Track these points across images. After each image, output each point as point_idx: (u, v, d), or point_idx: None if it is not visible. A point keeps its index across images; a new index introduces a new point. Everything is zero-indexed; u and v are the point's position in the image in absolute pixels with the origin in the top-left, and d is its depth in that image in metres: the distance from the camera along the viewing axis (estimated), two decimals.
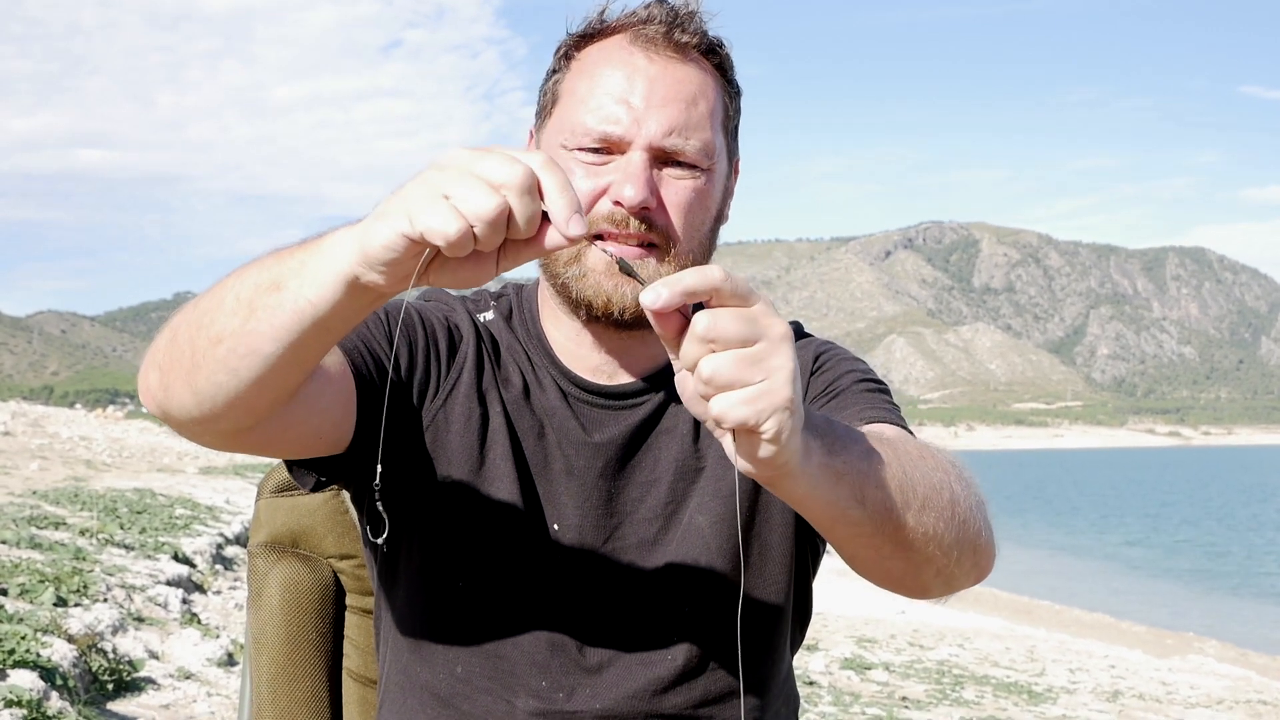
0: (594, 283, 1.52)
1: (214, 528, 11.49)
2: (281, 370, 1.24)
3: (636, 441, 1.61)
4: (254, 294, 1.20)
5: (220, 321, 1.22)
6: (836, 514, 1.22)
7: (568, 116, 1.55)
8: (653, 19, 1.54)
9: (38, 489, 12.82)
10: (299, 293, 1.17)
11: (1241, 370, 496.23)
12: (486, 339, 1.64)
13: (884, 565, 1.31)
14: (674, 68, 1.53)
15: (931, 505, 1.27)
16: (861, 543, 1.27)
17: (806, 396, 1.61)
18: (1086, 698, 9.86)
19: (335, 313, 1.17)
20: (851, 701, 8.17)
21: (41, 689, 4.58)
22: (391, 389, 1.53)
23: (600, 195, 1.50)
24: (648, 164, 1.50)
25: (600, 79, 1.53)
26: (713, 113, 1.55)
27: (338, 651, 1.87)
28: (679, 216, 1.51)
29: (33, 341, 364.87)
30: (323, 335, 1.21)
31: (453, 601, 1.57)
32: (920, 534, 1.27)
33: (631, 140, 1.50)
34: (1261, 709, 10.44)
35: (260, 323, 1.20)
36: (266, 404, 1.29)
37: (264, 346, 1.21)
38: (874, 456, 1.22)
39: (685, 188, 1.52)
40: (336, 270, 1.14)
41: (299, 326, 1.19)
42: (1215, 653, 14.95)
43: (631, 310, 1.52)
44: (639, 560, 1.58)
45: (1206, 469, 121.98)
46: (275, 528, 1.87)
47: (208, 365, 1.24)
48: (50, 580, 6.51)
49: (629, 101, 1.50)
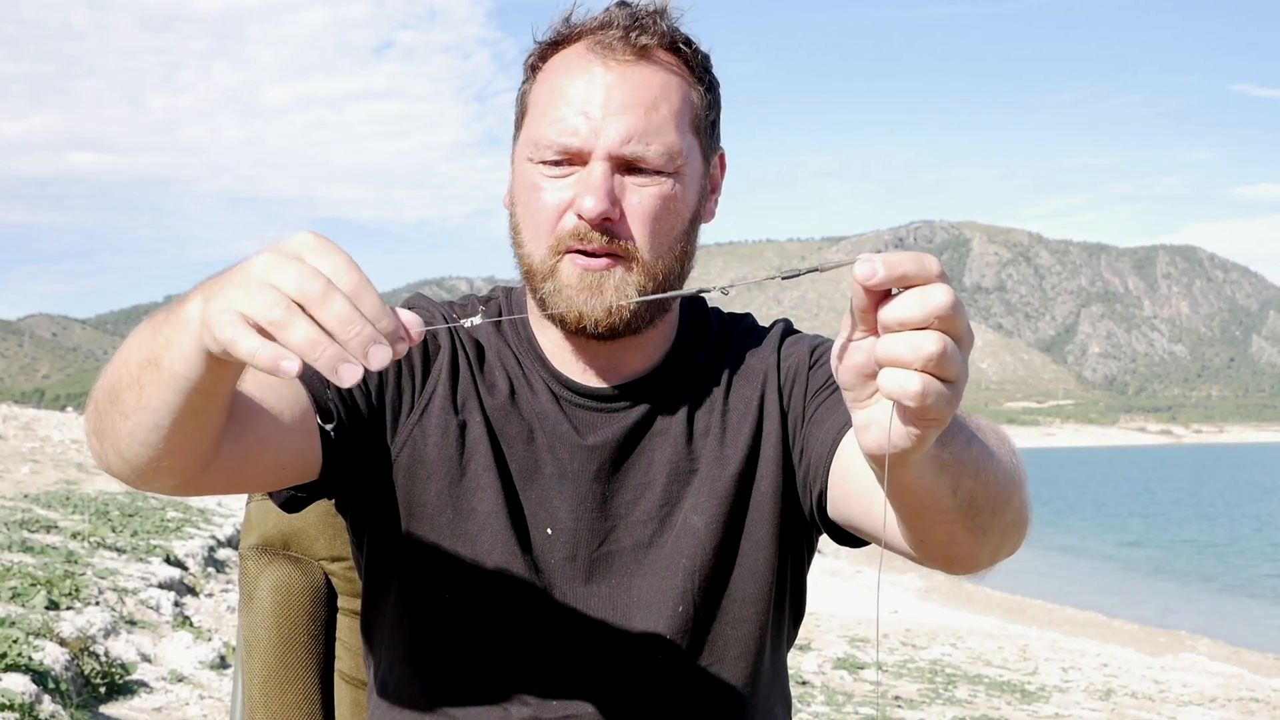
0: (567, 297, 1.51)
1: (206, 530, 11.48)
2: (189, 435, 1.22)
3: (630, 444, 1.60)
4: (139, 371, 1.19)
5: (121, 396, 1.22)
6: (930, 502, 1.21)
7: (532, 129, 1.54)
8: (611, 23, 1.53)
9: (29, 492, 12.80)
10: (171, 369, 1.15)
11: (1233, 368, 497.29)
12: (469, 345, 1.63)
13: (950, 549, 1.30)
14: (632, 72, 1.51)
15: (1006, 493, 1.26)
16: (940, 529, 1.26)
17: (808, 389, 1.61)
18: (1079, 696, 9.88)
19: (208, 383, 1.15)
20: (844, 701, 8.17)
21: (33, 692, 4.57)
22: (365, 412, 1.52)
23: (565, 209, 1.50)
24: (608, 174, 1.48)
25: (559, 90, 1.52)
26: (678, 113, 1.53)
27: (329, 653, 1.87)
28: (644, 224, 1.50)
29: (24, 345, 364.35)
30: (209, 401, 1.19)
31: (441, 613, 1.56)
32: (995, 520, 1.27)
33: (591, 150, 1.49)
34: (1254, 706, 10.47)
35: (150, 398, 1.18)
36: (192, 461, 1.27)
37: (160, 420, 1.20)
38: (973, 447, 1.20)
39: (649, 194, 1.51)
40: (195, 344, 1.11)
41: (180, 400, 1.17)
42: (1207, 651, 14.99)
43: (604, 323, 1.51)
44: (633, 562, 1.58)
45: (1198, 467, 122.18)
46: (266, 530, 1.87)
47: (124, 436, 1.24)
48: (42, 584, 6.49)
49: (586, 112, 1.49)
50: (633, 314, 1.52)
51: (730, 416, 1.62)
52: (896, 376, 0.99)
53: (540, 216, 1.52)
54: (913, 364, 0.98)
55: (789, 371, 1.64)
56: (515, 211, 1.57)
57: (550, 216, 1.51)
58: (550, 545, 1.57)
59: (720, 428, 1.62)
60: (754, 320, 1.74)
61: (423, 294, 1.74)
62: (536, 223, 1.52)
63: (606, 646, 1.56)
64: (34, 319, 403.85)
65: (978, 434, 1.23)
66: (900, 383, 0.99)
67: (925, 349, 0.98)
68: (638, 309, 1.52)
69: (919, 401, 0.99)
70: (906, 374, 0.99)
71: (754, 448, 1.61)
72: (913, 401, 0.99)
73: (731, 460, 1.60)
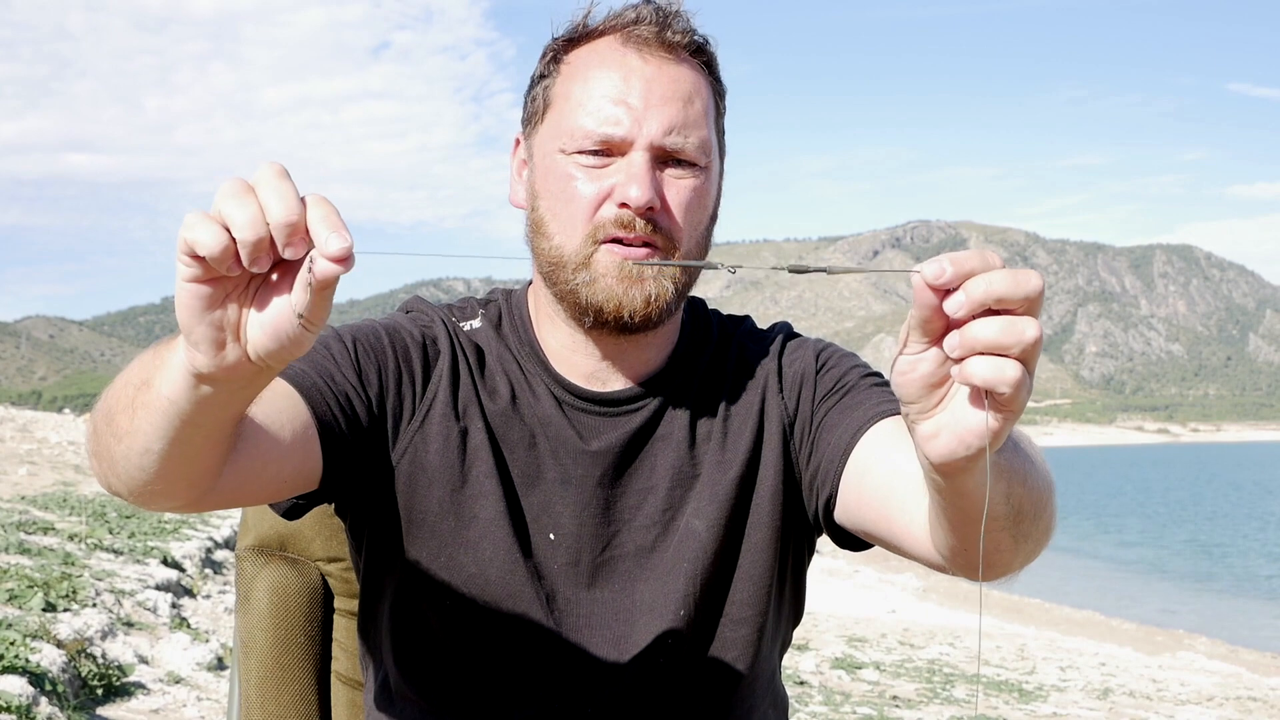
0: (605, 287, 1.50)
1: (203, 532, 11.46)
2: (181, 462, 1.21)
3: (633, 449, 1.60)
4: (135, 393, 1.18)
5: (117, 419, 1.21)
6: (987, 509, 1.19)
7: (564, 121, 1.53)
8: (643, 19, 1.54)
9: (26, 494, 12.77)
10: (159, 390, 1.14)
11: (1230, 367, 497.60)
12: (469, 350, 1.62)
13: (992, 556, 1.29)
14: (668, 67, 1.53)
15: (1045, 500, 1.26)
16: (988, 537, 1.24)
17: (816, 394, 1.61)
18: (1077, 695, 9.88)
19: (195, 407, 1.13)
20: (842, 701, 8.17)
21: (31, 694, 4.56)
22: (366, 421, 1.51)
23: (604, 199, 1.50)
24: (650, 164, 1.49)
25: (595, 81, 1.52)
26: (707, 111, 1.55)
27: (326, 654, 1.87)
28: (682, 216, 1.51)
29: (20, 347, 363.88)
30: (197, 433, 1.17)
31: (443, 618, 1.56)
32: (1035, 527, 1.27)
33: (633, 141, 1.49)
34: (1251, 705, 10.47)
35: (142, 421, 1.17)
36: (187, 487, 1.26)
37: (153, 444, 1.18)
38: (1019, 453, 1.20)
39: (686, 187, 1.52)
40: (179, 364, 1.11)
41: (169, 424, 1.15)
42: (1205, 649, 14.99)
43: (641, 313, 1.51)
44: (636, 567, 1.58)
45: (1196, 466, 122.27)
46: (263, 531, 1.87)
47: (121, 460, 1.22)
48: (39, 585, 6.48)
49: (627, 102, 1.50)
50: (667, 305, 1.52)
51: (732, 421, 1.62)
52: (992, 363, 0.98)
53: (575, 206, 1.51)
54: (1011, 349, 0.98)
55: (794, 376, 1.64)
56: (538, 205, 1.56)
57: (587, 206, 1.50)
58: (553, 550, 1.57)
59: (722, 432, 1.62)
60: (753, 323, 1.74)
61: (420, 296, 1.74)
62: (571, 212, 1.52)
63: (609, 651, 1.56)
64: (30, 321, 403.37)
65: (1027, 446, 1.23)
66: (997, 368, 0.98)
67: (1027, 334, 0.98)
68: (672, 299, 1.52)
69: (1014, 389, 0.98)
70: (1002, 360, 0.98)
71: (755, 452, 1.61)
72: (1008, 389, 0.98)
73: (732, 465, 1.60)
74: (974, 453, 1.05)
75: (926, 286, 0.98)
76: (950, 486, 1.16)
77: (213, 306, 1.04)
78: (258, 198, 0.99)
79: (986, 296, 0.97)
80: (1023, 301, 0.98)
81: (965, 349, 0.99)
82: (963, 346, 0.99)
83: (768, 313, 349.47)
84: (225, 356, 1.06)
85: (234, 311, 1.05)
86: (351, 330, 1.58)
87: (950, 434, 1.05)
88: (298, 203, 0.99)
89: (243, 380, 1.10)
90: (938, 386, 1.04)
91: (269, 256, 1.01)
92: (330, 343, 1.54)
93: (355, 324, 1.60)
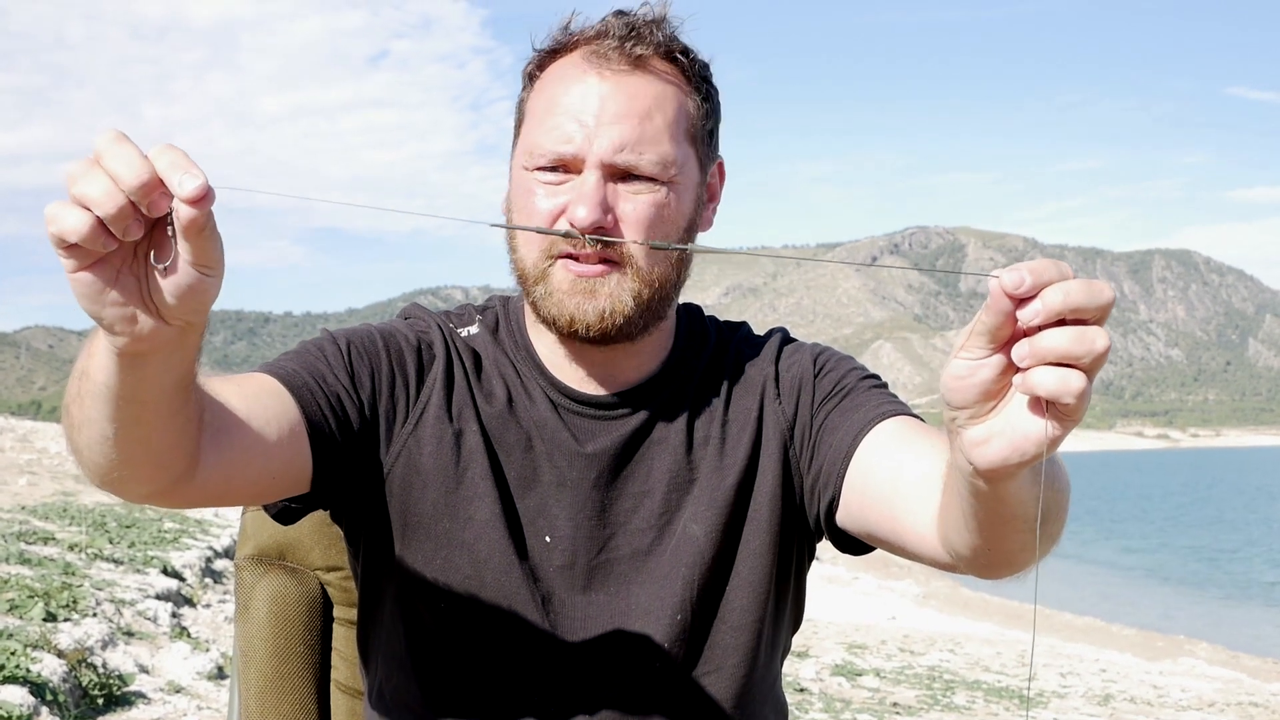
0: (558, 301, 1.52)
1: (203, 541, 11.45)
2: (139, 444, 1.21)
3: (629, 452, 1.61)
4: (79, 384, 1.19)
5: (72, 411, 1.22)
6: (1019, 511, 1.20)
7: (528, 137, 1.55)
8: (607, 33, 1.53)
9: (26, 504, 12.76)
10: (95, 378, 1.15)
11: (1229, 372, 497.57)
12: (465, 354, 1.63)
13: (1017, 556, 1.29)
14: (626, 82, 1.52)
15: (1066, 501, 1.27)
16: (1016, 538, 1.25)
17: (815, 398, 1.62)
18: (1078, 702, 9.87)
19: (134, 384, 1.14)
20: (843, 708, 8.17)
21: (31, 704, 4.56)
22: (357, 423, 1.52)
23: (560, 215, 1.50)
24: (601, 183, 1.49)
25: (555, 98, 1.53)
26: (673, 123, 1.53)
27: (325, 663, 1.87)
28: (636, 232, 1.50)
29: (20, 356, 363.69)
30: (142, 411, 1.18)
31: (438, 621, 1.56)
32: (1056, 528, 1.26)
33: (584, 159, 1.49)
34: (1253, 711, 10.46)
35: (90, 410, 1.18)
36: (154, 470, 1.26)
37: (106, 430, 1.19)
38: (1054, 459, 1.19)
39: (642, 202, 1.51)
40: (104, 347, 1.12)
41: (113, 407, 1.16)
42: (1206, 655, 14.96)
43: (596, 328, 1.52)
44: (632, 570, 1.58)
45: (1195, 471, 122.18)
46: (262, 540, 1.87)
47: (85, 450, 1.23)
48: (40, 595, 6.48)
49: (581, 120, 1.50)
50: (626, 320, 1.52)
51: (730, 427, 1.63)
52: (1059, 374, 0.98)
53: (533, 222, 1.52)
54: (1081, 359, 0.98)
55: (792, 381, 1.64)
56: (510, 218, 1.58)
57: (542, 223, 1.51)
58: (548, 553, 1.57)
59: (720, 437, 1.62)
60: (750, 329, 1.75)
61: (418, 304, 1.74)
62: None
63: (604, 654, 1.56)
64: (30, 331, 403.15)
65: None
66: (1063, 379, 0.98)
67: (1098, 344, 0.98)
68: (632, 312, 1.52)
69: (1079, 400, 0.99)
70: (1069, 371, 0.98)
71: (753, 457, 1.61)
72: (1073, 399, 0.98)
73: (731, 470, 1.60)
74: (1028, 459, 1.05)
75: (1003, 294, 0.98)
76: (992, 491, 1.15)
77: (107, 287, 1.05)
78: (105, 169, 1.00)
79: (1064, 306, 0.97)
80: (1096, 311, 0.98)
81: (1035, 358, 0.99)
82: (1033, 355, 0.99)
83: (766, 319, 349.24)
84: (140, 329, 1.07)
85: (131, 283, 1.06)
86: (346, 333, 1.59)
87: (1004, 441, 1.05)
88: (143, 161, 1.00)
89: (170, 345, 1.11)
90: (995, 394, 1.04)
91: (139, 221, 1.02)
92: (324, 344, 1.55)
93: (351, 328, 1.61)
